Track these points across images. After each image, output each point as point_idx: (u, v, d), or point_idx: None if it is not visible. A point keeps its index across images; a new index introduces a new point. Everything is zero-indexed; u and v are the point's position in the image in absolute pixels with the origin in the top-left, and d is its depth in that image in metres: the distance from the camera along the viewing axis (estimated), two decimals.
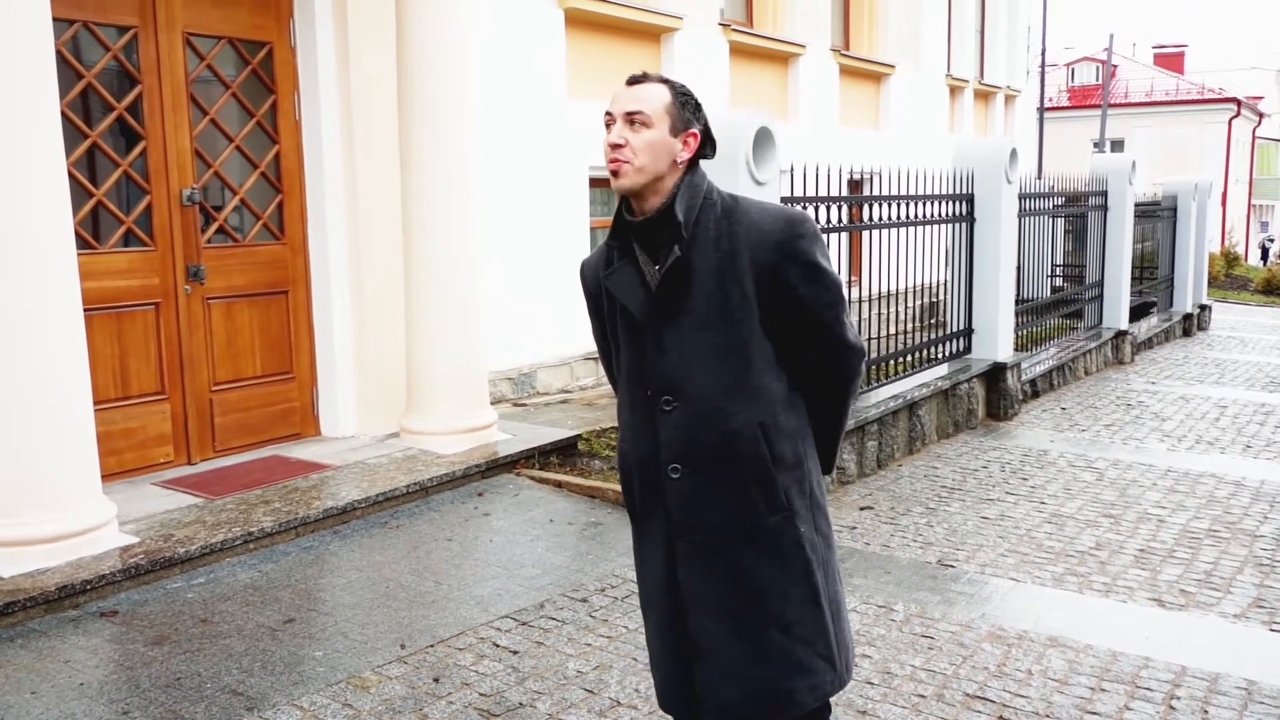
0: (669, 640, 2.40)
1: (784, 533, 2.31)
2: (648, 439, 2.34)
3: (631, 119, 2.25)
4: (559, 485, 5.89)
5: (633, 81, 2.30)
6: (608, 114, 2.29)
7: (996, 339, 8.12)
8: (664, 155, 2.26)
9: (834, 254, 6.13)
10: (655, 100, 2.27)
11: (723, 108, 9.81)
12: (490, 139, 7.36)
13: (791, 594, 2.32)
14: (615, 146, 2.25)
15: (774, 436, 2.31)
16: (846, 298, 2.44)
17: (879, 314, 6.87)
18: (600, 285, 2.41)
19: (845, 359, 2.39)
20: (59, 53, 4.90)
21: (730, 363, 2.28)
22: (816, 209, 6.02)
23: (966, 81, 15.54)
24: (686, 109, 2.29)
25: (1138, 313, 12.00)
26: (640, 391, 2.34)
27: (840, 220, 6.40)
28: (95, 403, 4.71)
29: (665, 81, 2.30)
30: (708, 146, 2.33)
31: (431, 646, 3.94)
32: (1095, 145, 31.46)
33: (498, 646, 3.95)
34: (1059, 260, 11.88)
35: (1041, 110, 23.43)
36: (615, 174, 2.26)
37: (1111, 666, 3.85)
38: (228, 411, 6.04)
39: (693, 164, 2.32)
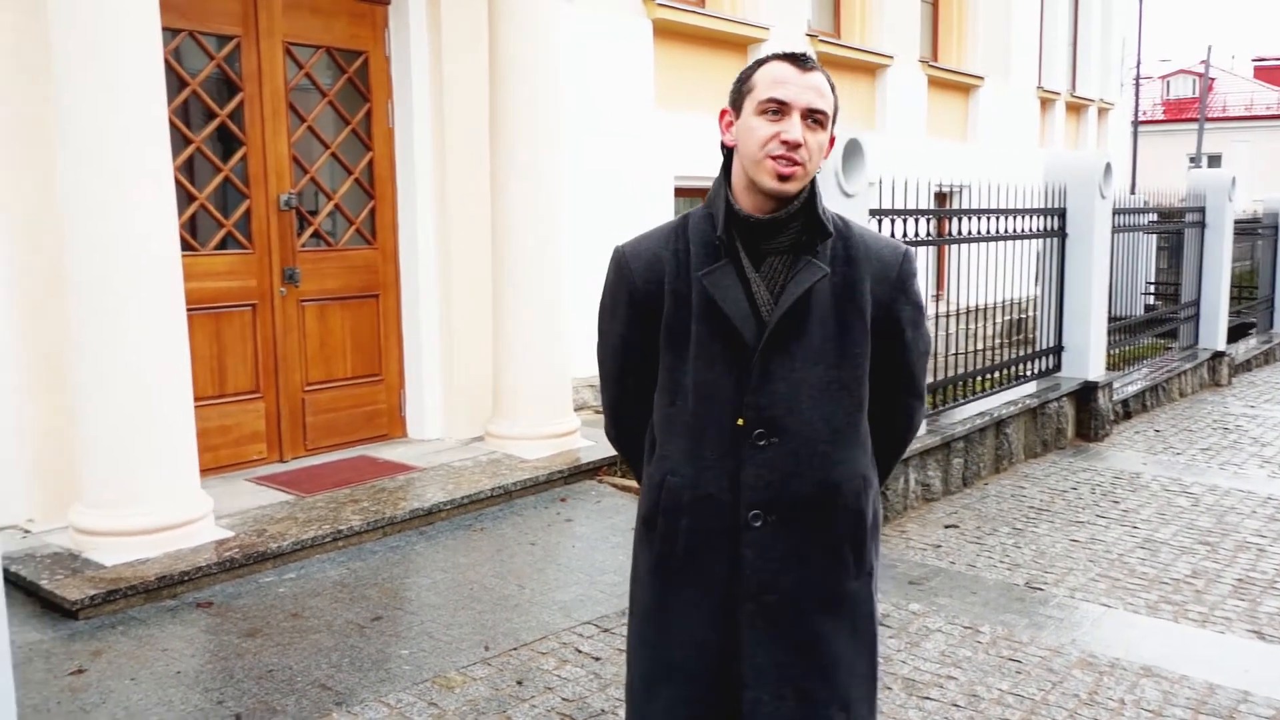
0: (699, 717, 2.06)
1: (861, 600, 2.08)
2: (720, 476, 2.01)
3: (813, 115, 1.96)
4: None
5: (807, 66, 1.98)
6: (776, 100, 1.95)
7: (1088, 357, 7.95)
8: (820, 162, 2.02)
9: (920, 268, 6.07)
10: (830, 97, 1.99)
11: None
12: (578, 148, 7.42)
13: (856, 669, 2.08)
14: (795, 145, 1.94)
15: (869, 490, 2.09)
16: None
17: (964, 330, 6.77)
18: (661, 283, 2.06)
19: (917, 413, 2.22)
20: (166, 61, 5.06)
21: (842, 402, 2.02)
22: (905, 222, 5.96)
23: (1058, 94, 15.26)
24: (837, 107, 2.05)
25: (1235, 334, 11.65)
26: (719, 419, 2.01)
27: (928, 234, 6.32)
28: (194, 400, 4.85)
29: (820, 69, 2.01)
30: None
31: (515, 650, 3.98)
32: (1191, 160, 30.64)
33: (580, 652, 3.97)
34: (1152, 278, 11.60)
35: (1135, 124, 22.88)
36: (787, 177, 1.94)
37: (1208, 699, 3.74)
38: (319, 411, 6.17)
39: None
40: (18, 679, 3.49)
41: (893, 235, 5.82)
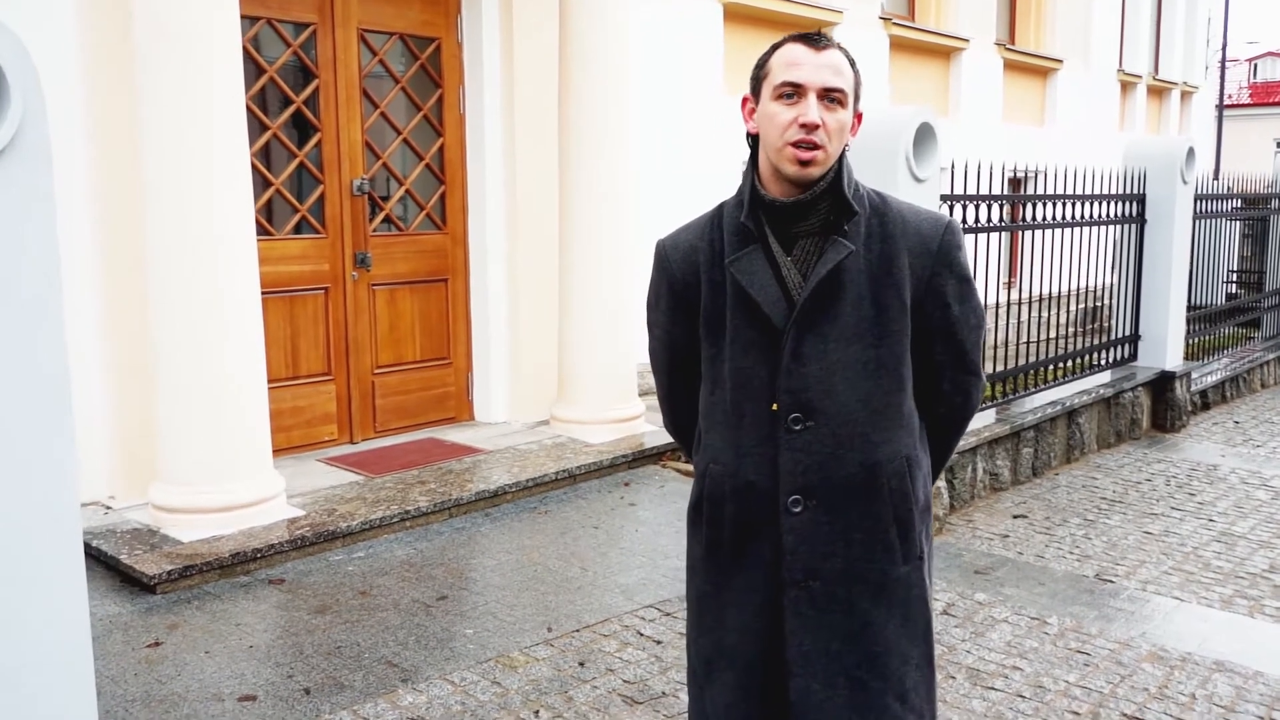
0: (752, 706, 2.05)
1: (912, 584, 2.03)
2: (759, 462, 1.99)
3: (830, 95, 1.91)
4: None
5: (820, 45, 1.93)
6: (791, 83, 1.91)
7: (1165, 346, 7.76)
8: (844, 140, 1.95)
9: (992, 255, 5.97)
10: (848, 73, 1.93)
11: (882, 103, 9.65)
12: (646, 133, 7.42)
13: (910, 655, 2.03)
14: (812, 127, 1.89)
15: (915, 471, 2.04)
16: None
17: (1037, 317, 6.65)
18: (698, 273, 2.06)
19: (974, 390, 2.13)
20: (244, 49, 5.16)
21: (881, 382, 1.98)
22: (977, 208, 5.87)
23: (1139, 77, 14.87)
24: (859, 82, 1.98)
25: None
26: (756, 406, 1.99)
27: (1001, 220, 6.21)
28: (268, 381, 4.96)
29: (837, 45, 1.97)
30: None
31: (577, 631, 4.02)
32: (1278, 145, 29.67)
33: (641, 635, 4.00)
34: (1234, 266, 11.27)
35: (1220, 108, 22.22)
36: (807, 162, 1.90)
37: None
38: (388, 394, 6.27)
39: None
40: (97, 651, 3.62)
41: (964, 221, 5.73)
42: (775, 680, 2.03)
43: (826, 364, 1.95)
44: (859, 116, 1.99)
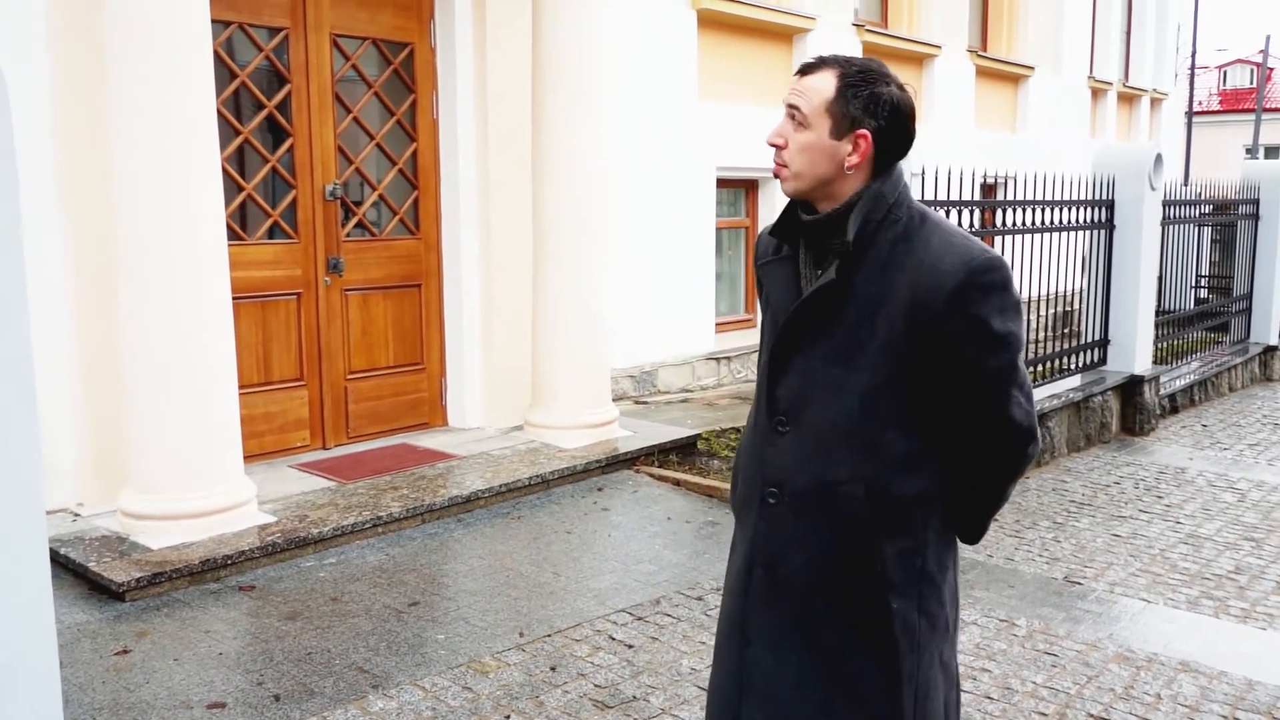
0: (724, 660, 2.18)
1: (871, 601, 2.00)
2: (759, 451, 2.12)
3: (792, 114, 1.97)
4: (677, 483, 5.93)
5: (804, 69, 1.99)
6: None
7: (1134, 351, 7.84)
8: (823, 161, 1.95)
9: None
10: (815, 95, 1.94)
11: None
12: (620, 139, 7.43)
13: (865, 668, 2.02)
14: (772, 145, 2.02)
15: (879, 499, 1.97)
16: (1024, 368, 2.02)
17: None
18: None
19: (1009, 441, 2.01)
20: (216, 53, 5.14)
21: (850, 406, 1.98)
22: (947, 213, 5.92)
23: (1110, 84, 15.01)
24: (854, 104, 1.91)
25: None
26: (764, 401, 2.13)
27: (972, 225, 6.26)
28: (240, 387, 4.94)
29: (838, 66, 1.94)
30: (894, 145, 1.96)
31: (549, 636, 4.02)
32: (1248, 151, 30.01)
33: (613, 640, 4.01)
34: (1204, 271, 11.41)
35: (1190, 114, 22.47)
36: (776, 175, 2.04)
37: (1247, 695, 3.70)
38: (361, 399, 6.26)
39: (883, 168, 1.98)
40: (65, 659, 3.60)
41: None
42: (741, 646, 2.15)
43: (805, 378, 2.04)
44: (865, 137, 1.93)
